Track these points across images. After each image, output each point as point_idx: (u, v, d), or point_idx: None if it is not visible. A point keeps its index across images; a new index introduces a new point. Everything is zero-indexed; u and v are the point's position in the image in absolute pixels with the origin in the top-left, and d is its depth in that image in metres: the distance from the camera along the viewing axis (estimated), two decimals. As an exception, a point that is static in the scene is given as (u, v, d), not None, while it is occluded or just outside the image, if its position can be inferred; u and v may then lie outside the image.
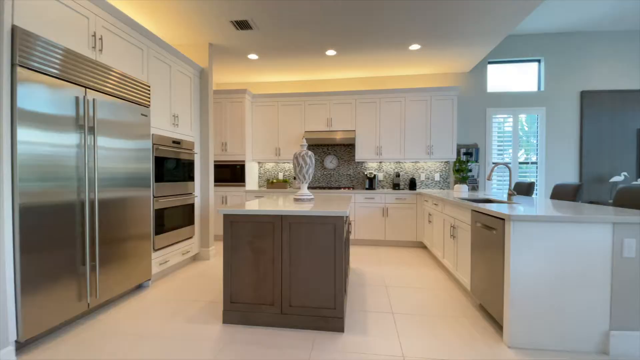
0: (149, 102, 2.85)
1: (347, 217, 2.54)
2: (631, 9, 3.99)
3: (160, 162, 3.05)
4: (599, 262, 1.83)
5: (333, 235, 2.05)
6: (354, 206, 4.58)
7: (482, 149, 4.87)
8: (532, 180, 4.80)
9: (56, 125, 1.95)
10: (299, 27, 3.45)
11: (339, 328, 2.05)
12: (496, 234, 2.05)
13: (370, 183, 4.86)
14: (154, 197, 2.96)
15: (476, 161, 4.76)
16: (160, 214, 3.06)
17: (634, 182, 4.42)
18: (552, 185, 4.70)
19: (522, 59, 4.81)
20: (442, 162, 4.97)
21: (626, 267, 1.82)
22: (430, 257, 3.98)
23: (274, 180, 5.04)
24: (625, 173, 4.46)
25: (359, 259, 3.83)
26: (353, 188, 4.97)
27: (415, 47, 3.95)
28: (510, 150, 4.82)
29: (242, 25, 3.38)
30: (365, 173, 5.02)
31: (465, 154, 4.79)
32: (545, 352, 1.84)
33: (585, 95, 4.60)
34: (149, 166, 2.86)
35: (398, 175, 4.89)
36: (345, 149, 5.21)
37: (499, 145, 4.86)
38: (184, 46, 3.85)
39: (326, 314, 2.06)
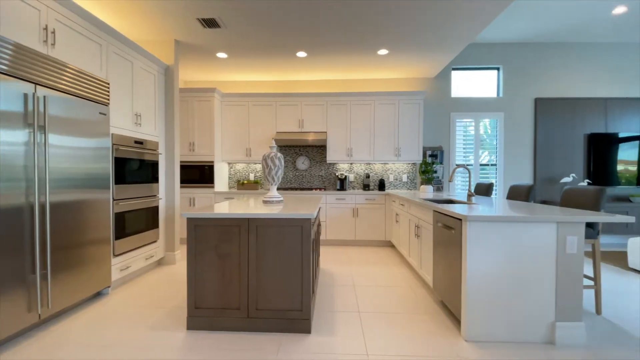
0: (108, 99, 2.71)
1: (315, 219, 2.56)
2: (582, 24, 4.34)
3: (121, 163, 2.91)
4: (546, 258, 1.99)
5: (300, 238, 2.07)
6: (325, 207, 4.62)
7: (447, 151, 5.09)
8: (492, 181, 5.09)
9: (1, 122, 1.80)
10: (268, 28, 3.43)
11: (306, 329, 2.07)
12: (455, 234, 2.16)
13: (342, 184, 4.92)
14: (114, 199, 2.82)
15: (441, 163, 4.97)
16: (121, 218, 2.91)
17: (580, 183, 4.82)
18: (509, 186, 5.02)
19: (483, 67, 5.08)
20: (409, 163, 5.14)
21: (569, 262, 1.98)
22: (398, 255, 4.11)
23: (245, 181, 4.97)
24: (574, 174, 4.86)
25: (329, 259, 3.88)
26: (325, 189, 5.01)
27: (383, 52, 4.05)
28: (473, 153, 5.08)
29: (210, 23, 3.30)
30: (337, 174, 5.08)
31: (430, 155, 4.99)
32: (499, 344, 1.97)
33: (539, 102, 4.95)
34: (108, 167, 2.72)
35: (368, 177, 5.00)
36: (317, 150, 5.24)
37: (464, 148, 5.11)
38: (148, 42, 3.70)
39: (293, 316, 2.07)
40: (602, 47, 4.94)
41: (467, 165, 5.08)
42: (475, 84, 5.17)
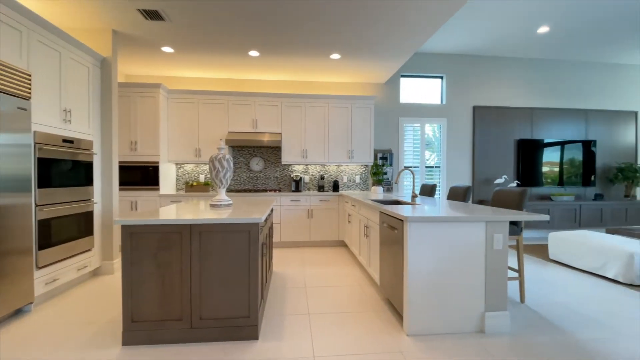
0: (30, 93, 2.41)
1: (264, 222, 2.53)
2: (512, 41, 4.82)
3: (46, 164, 2.61)
4: (476, 254, 2.17)
5: (247, 243, 2.02)
6: (279, 209, 4.59)
7: (396, 153, 5.34)
8: (436, 182, 5.45)
9: None
10: (217, 24, 3.31)
11: (253, 336, 2.03)
12: (397, 233, 2.27)
13: (297, 185, 4.92)
14: (36, 205, 2.51)
15: (391, 165, 5.20)
16: (46, 225, 2.61)
17: (511, 184, 5.36)
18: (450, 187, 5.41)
19: (428, 75, 5.42)
20: (361, 165, 5.31)
21: (495, 257, 2.19)
22: (350, 255, 4.22)
23: (194, 183, 4.74)
24: (506, 176, 5.38)
25: (283, 262, 3.85)
26: (280, 190, 4.97)
27: (335, 56, 4.13)
28: (419, 156, 5.40)
29: (152, 15, 3.09)
30: (292, 175, 5.07)
31: (381, 158, 5.20)
32: (436, 336, 2.11)
33: (477, 110, 5.41)
34: (30, 168, 2.42)
35: (322, 178, 5.06)
36: (272, 151, 5.18)
37: (412, 151, 5.40)
38: (84, 31, 3.36)
39: (240, 324, 2.02)
40: (529, 62, 5.53)
41: (414, 167, 5.38)
42: (422, 90, 5.50)
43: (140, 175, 4.33)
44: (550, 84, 5.59)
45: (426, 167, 5.42)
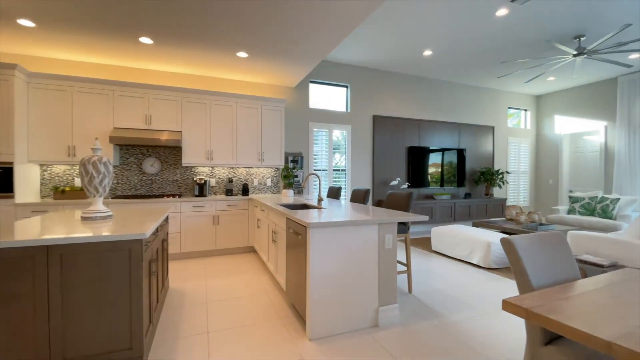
0: None
1: (154, 235, 2.23)
2: (404, 60, 5.44)
3: None
4: (371, 254, 2.35)
5: (128, 263, 1.74)
6: (179, 216, 4.16)
7: (306, 157, 5.46)
8: (341, 185, 5.78)
9: None
10: None
11: (138, 369, 1.76)
12: (301, 239, 2.29)
13: (201, 189, 4.55)
14: None
15: (301, 168, 5.29)
16: None
17: (403, 186, 6.07)
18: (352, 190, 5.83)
19: (335, 83, 5.71)
20: (272, 168, 5.25)
21: (386, 256, 2.41)
22: (260, 261, 4.11)
23: (66, 189, 3.91)
24: (399, 178, 6.07)
25: (182, 275, 3.50)
26: (181, 195, 4.52)
27: (242, 54, 3.97)
28: (327, 160, 5.64)
29: (-3, -24, 2.41)
30: (195, 179, 4.66)
31: (292, 161, 5.24)
32: (337, 336, 2.20)
33: (376, 119, 5.94)
34: None
35: (231, 181, 4.81)
36: (171, 151, 4.67)
37: (322, 154, 5.59)
38: None
39: (120, 357, 1.72)
40: (418, 80, 6.36)
41: (323, 170, 5.59)
42: (330, 97, 5.75)
43: (-19, 180, 3.34)
44: (433, 100, 6.54)
45: (334, 170, 5.70)
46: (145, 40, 3.56)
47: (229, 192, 4.76)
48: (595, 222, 5.24)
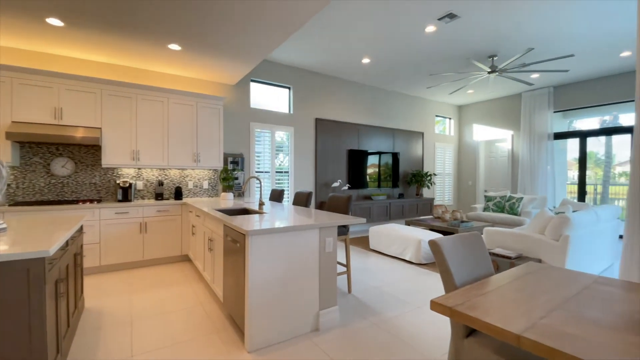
0: None
1: (63, 249, 1.92)
2: (344, 66, 5.59)
3: None
4: (312, 259, 2.35)
5: (26, 287, 1.46)
6: (98, 224, 3.67)
7: (248, 158, 5.28)
8: (284, 187, 5.73)
9: None
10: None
11: (38, 411, 1.48)
12: (240, 247, 2.19)
13: (125, 193, 4.08)
14: None
15: (242, 170, 5.10)
16: None
17: (344, 187, 6.25)
18: (295, 192, 5.82)
19: (278, 84, 5.63)
20: (210, 170, 4.96)
21: (327, 259, 2.44)
22: (195, 271, 3.84)
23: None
24: (340, 180, 6.24)
25: (102, 292, 3.09)
26: (100, 200, 3.99)
27: (175, 47, 3.66)
28: (270, 161, 5.53)
29: None
30: (119, 182, 4.16)
31: (232, 162, 5.02)
32: (277, 345, 2.15)
33: (318, 122, 6.02)
34: None
35: (161, 184, 4.40)
36: (88, 150, 4.10)
37: (264, 156, 5.45)
38: None
39: (13, 400, 1.43)
40: (357, 86, 6.61)
41: (265, 172, 5.47)
42: (272, 98, 5.65)
43: None
44: (371, 106, 6.88)
45: (277, 171, 5.61)
46: (54, 21, 3.06)
47: (159, 196, 4.36)
48: (505, 218, 6.05)
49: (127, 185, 4.08)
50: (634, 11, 3.76)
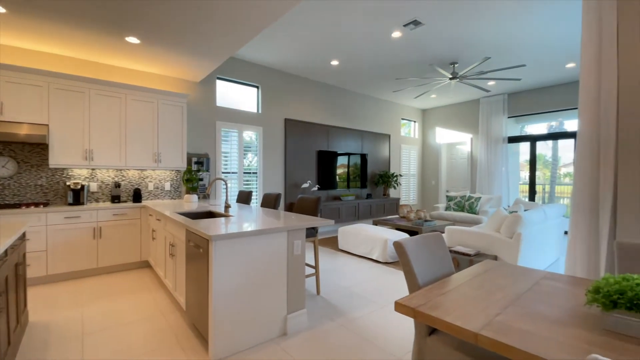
0: None
1: (3, 260, 1.72)
2: (314, 66, 5.59)
3: None
4: (280, 262, 2.32)
5: (-50, 304, 1.28)
6: (45, 230, 3.35)
7: (213, 158, 5.10)
8: (252, 189, 5.62)
9: None
10: None
11: None
12: (203, 252, 2.10)
13: (77, 196, 3.77)
14: None
15: (207, 170, 4.92)
16: None
17: (313, 188, 6.26)
18: (263, 194, 5.73)
19: (245, 82, 5.51)
20: (172, 170, 4.73)
21: (295, 262, 2.42)
22: (156, 278, 3.64)
23: None
24: (310, 181, 6.23)
25: (49, 304, 2.82)
26: (47, 204, 3.65)
27: (133, 40, 3.45)
28: (238, 162, 5.39)
29: None
30: (69, 183, 3.83)
31: (196, 163, 4.82)
32: (243, 352, 2.09)
33: (287, 122, 5.97)
34: None
35: (118, 186, 4.12)
36: (33, 149, 3.73)
37: (230, 156, 5.29)
38: None
39: None
40: (327, 87, 6.64)
41: (233, 172, 5.32)
42: (239, 97, 5.51)
43: None
44: (341, 108, 6.94)
45: (245, 172, 5.48)
46: (-10, 5, 2.75)
47: (115, 198, 4.08)
48: (465, 217, 6.39)
49: (79, 187, 3.78)
50: (580, 25, 4.13)
